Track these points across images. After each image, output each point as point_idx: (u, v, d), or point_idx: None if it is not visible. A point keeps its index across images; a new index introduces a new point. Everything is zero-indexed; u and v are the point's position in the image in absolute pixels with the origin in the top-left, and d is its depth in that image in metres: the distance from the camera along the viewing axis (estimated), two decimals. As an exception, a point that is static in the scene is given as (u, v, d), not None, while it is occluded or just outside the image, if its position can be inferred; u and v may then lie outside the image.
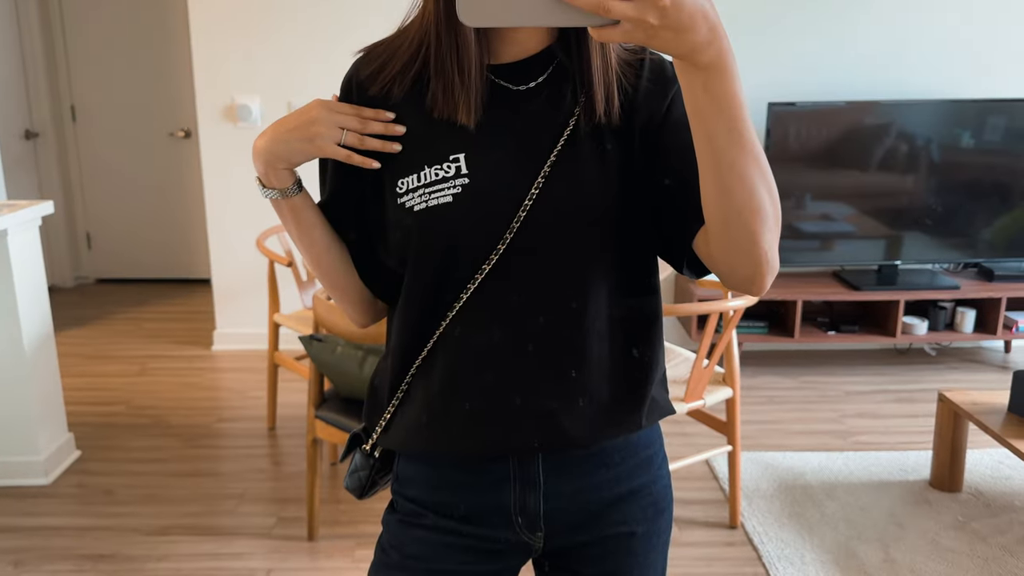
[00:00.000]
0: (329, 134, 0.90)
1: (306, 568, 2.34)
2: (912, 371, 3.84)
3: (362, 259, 1.01)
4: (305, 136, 0.90)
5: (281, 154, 0.92)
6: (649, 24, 0.65)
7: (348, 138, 0.90)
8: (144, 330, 4.43)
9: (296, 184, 0.96)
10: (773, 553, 2.38)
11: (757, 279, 0.83)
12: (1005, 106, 3.58)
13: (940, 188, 3.65)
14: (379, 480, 1.06)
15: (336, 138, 0.90)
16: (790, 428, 3.24)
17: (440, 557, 0.99)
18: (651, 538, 1.03)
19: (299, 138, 0.90)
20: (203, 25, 3.77)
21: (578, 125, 0.90)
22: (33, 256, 2.77)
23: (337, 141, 0.90)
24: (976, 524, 2.53)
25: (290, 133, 0.91)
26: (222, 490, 2.76)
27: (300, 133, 0.90)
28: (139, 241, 5.29)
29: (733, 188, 0.77)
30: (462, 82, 0.87)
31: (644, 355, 0.97)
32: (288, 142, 0.91)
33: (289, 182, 0.95)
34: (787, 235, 3.66)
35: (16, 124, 4.86)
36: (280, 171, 0.94)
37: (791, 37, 3.76)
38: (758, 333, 3.72)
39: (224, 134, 3.88)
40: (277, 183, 0.95)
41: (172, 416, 3.35)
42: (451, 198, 0.88)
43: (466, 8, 0.68)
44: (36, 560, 2.38)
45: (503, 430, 0.94)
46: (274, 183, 0.95)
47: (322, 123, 0.89)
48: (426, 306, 0.94)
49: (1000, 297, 3.66)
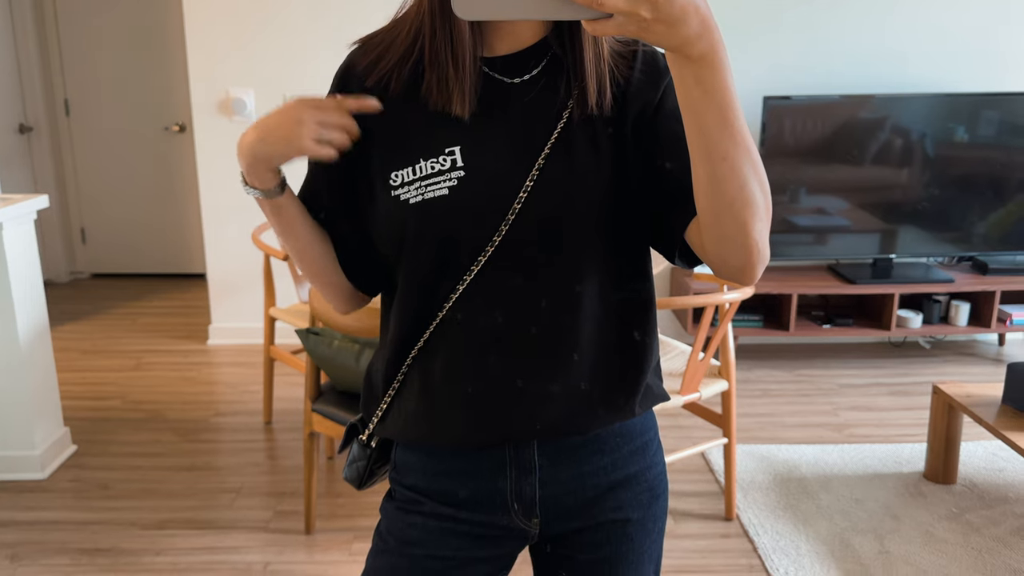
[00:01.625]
0: (311, 134, 0.87)
1: (303, 561, 2.34)
2: (907, 364, 3.86)
3: (346, 253, 1.00)
4: (286, 137, 0.87)
5: (262, 156, 0.89)
6: (642, 17, 0.66)
7: (331, 136, 0.88)
8: (139, 325, 4.43)
9: (279, 185, 0.93)
10: (768, 545, 2.39)
11: (748, 269, 0.84)
12: (999, 100, 3.59)
13: (935, 182, 3.66)
14: (377, 470, 1.07)
15: (318, 135, 0.87)
16: (785, 421, 3.26)
17: (437, 543, 1.00)
18: (646, 524, 1.04)
19: (281, 138, 0.87)
20: (197, 19, 3.76)
21: (571, 116, 0.91)
22: (28, 250, 2.77)
23: (316, 138, 0.87)
24: (970, 516, 2.55)
25: (271, 133, 0.88)
26: (219, 484, 2.76)
27: (282, 133, 0.87)
28: (134, 235, 5.28)
29: (724, 179, 0.78)
30: (456, 74, 0.88)
31: (644, 338, 0.98)
32: (270, 143, 0.88)
33: (272, 183, 0.92)
34: (782, 229, 3.67)
35: (10, 118, 4.84)
36: (263, 172, 0.91)
37: (786, 31, 3.76)
38: (753, 326, 3.73)
39: (219, 128, 3.88)
40: (260, 184, 0.92)
41: (168, 410, 3.35)
42: (447, 191, 0.89)
43: (461, 1, 0.69)
44: (33, 554, 2.38)
45: (505, 413, 0.95)
46: (256, 184, 0.92)
47: (304, 123, 0.87)
48: (424, 295, 0.94)
49: (994, 290, 3.68)
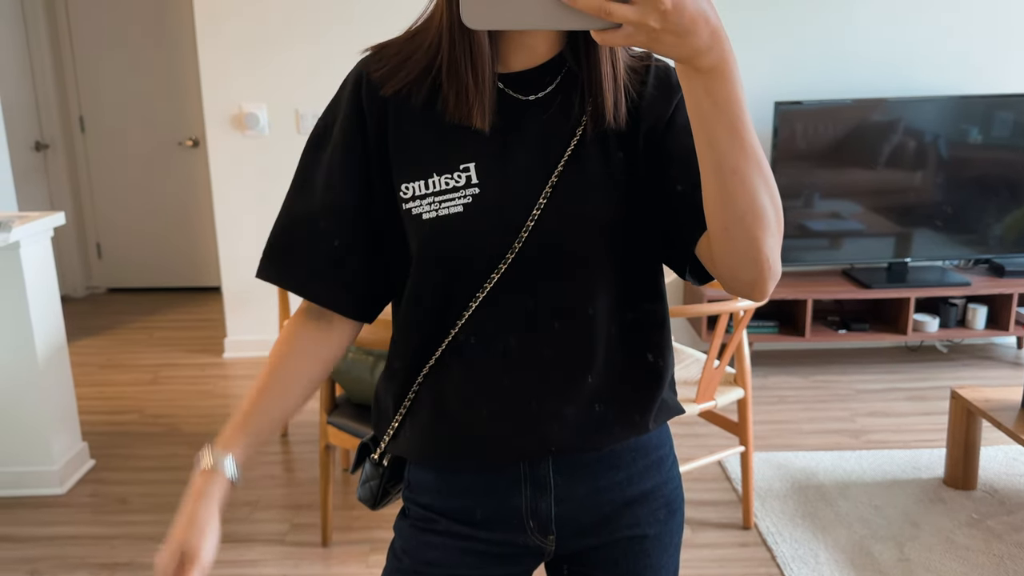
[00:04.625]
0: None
1: (320, 574, 2.34)
2: (924, 369, 3.82)
3: (352, 273, 0.96)
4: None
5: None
6: (651, 28, 0.66)
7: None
8: (155, 339, 4.45)
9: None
10: (787, 553, 2.38)
11: (759, 284, 0.83)
12: (1013, 101, 3.56)
13: (949, 185, 3.64)
14: (391, 489, 1.07)
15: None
16: (802, 428, 3.24)
17: (453, 562, 0.99)
18: (663, 540, 1.03)
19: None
20: (210, 35, 3.79)
21: (585, 132, 0.90)
22: (45, 266, 2.79)
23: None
24: (991, 521, 2.52)
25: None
26: (236, 497, 2.77)
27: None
28: (149, 250, 5.32)
29: (735, 193, 0.77)
30: (476, 86, 0.87)
31: (657, 359, 0.98)
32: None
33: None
34: (796, 234, 3.65)
35: (26, 136, 4.89)
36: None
37: (797, 35, 3.75)
38: (768, 333, 3.71)
39: (232, 143, 3.90)
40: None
41: (185, 424, 3.37)
42: (462, 208, 0.88)
43: (469, 11, 0.69)
44: (52, 569, 2.39)
45: (519, 434, 0.94)
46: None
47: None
48: (435, 314, 0.94)
49: (1012, 293, 3.64)
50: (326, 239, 0.94)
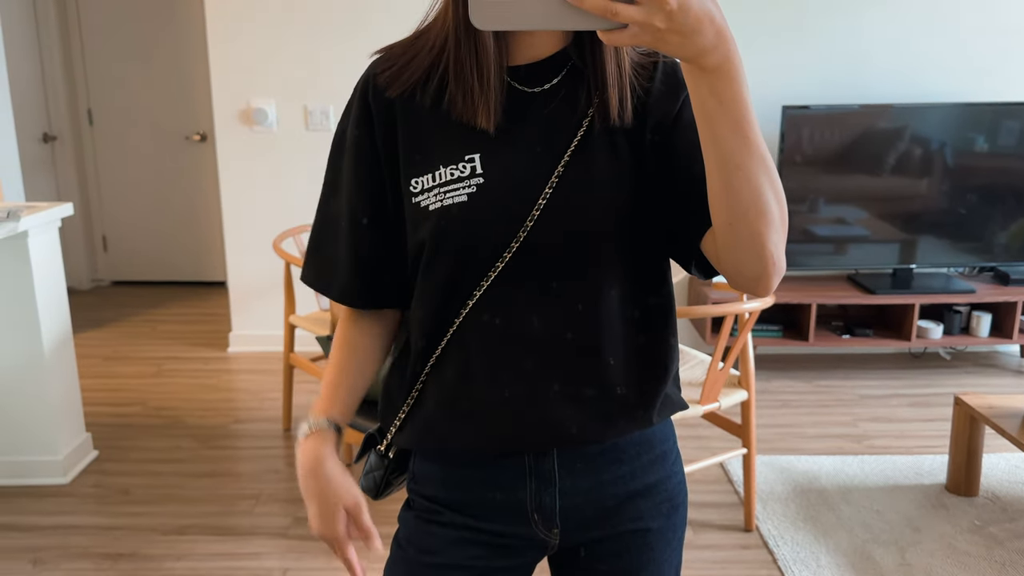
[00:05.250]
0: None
1: (322, 568, 2.35)
2: (927, 375, 3.82)
3: (368, 266, 0.99)
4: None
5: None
6: (656, 28, 0.67)
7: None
8: (160, 332, 4.47)
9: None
10: (788, 556, 2.38)
11: (763, 280, 0.84)
12: (1020, 110, 3.56)
13: (954, 192, 3.64)
14: (394, 480, 1.08)
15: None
16: (805, 432, 3.24)
17: (457, 553, 1.00)
18: (666, 534, 1.04)
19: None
20: (219, 29, 3.80)
21: (592, 126, 0.91)
22: (53, 257, 2.80)
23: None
24: (993, 528, 2.52)
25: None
26: (239, 490, 2.78)
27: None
28: (155, 244, 5.33)
29: (740, 190, 0.78)
30: (481, 87, 0.88)
31: (662, 353, 0.98)
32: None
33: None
34: (801, 239, 3.65)
35: (34, 128, 4.91)
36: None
37: (805, 40, 3.76)
38: (772, 336, 3.71)
39: (240, 137, 3.91)
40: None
41: (188, 417, 3.38)
42: (466, 197, 0.89)
43: (477, 12, 0.70)
44: (55, 559, 2.40)
45: (523, 426, 0.95)
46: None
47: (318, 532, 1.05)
48: (441, 304, 0.95)
49: (1016, 301, 3.64)
50: (349, 242, 0.98)
